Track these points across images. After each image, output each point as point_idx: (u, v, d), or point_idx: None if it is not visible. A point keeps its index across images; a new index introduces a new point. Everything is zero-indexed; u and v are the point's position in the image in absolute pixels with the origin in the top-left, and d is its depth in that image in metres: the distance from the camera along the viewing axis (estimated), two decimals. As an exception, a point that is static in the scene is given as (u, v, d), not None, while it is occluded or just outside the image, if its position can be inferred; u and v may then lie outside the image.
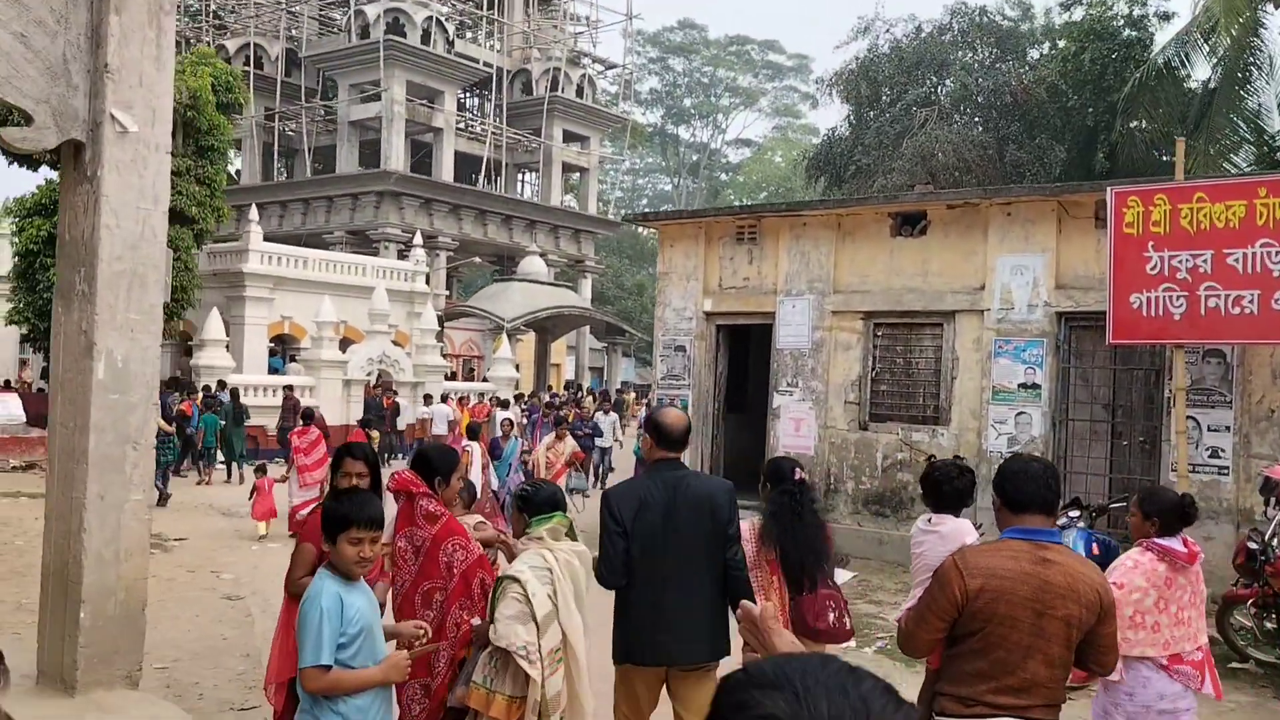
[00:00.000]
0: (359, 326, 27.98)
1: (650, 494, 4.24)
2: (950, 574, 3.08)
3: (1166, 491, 4.73)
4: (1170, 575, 4.32)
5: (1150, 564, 4.32)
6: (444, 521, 4.36)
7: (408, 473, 4.47)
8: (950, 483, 4.38)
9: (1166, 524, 4.39)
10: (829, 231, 12.06)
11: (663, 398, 12.93)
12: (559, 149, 39.83)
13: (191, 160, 24.14)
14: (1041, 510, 3.13)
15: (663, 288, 13.08)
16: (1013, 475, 3.19)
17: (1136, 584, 4.27)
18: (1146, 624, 4.26)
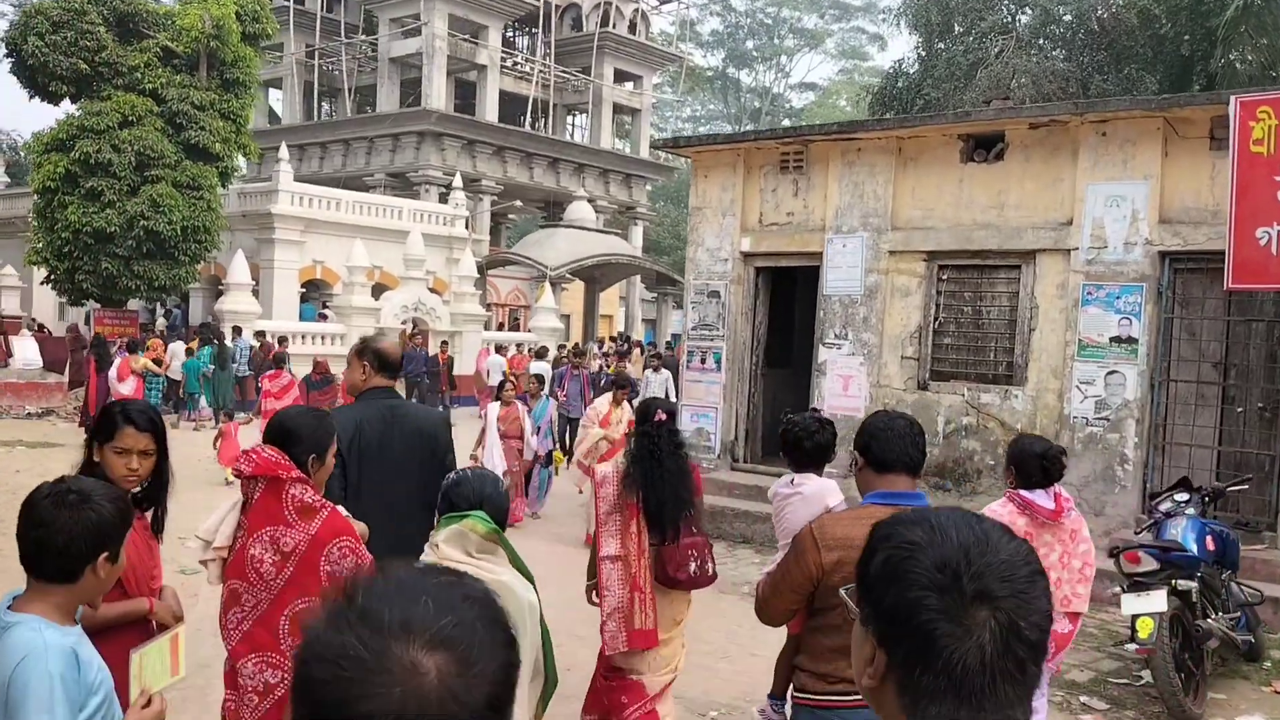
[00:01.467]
0: (394, 272, 26.79)
1: (367, 420, 4.05)
2: (806, 545, 2.92)
3: (1035, 440, 4.37)
4: (1031, 531, 4.04)
5: (1009, 517, 4.04)
6: (325, 517, 3.24)
7: (269, 451, 3.30)
8: (811, 438, 3.95)
9: (1024, 474, 4.12)
10: (887, 157, 10.33)
11: (693, 350, 11.39)
12: (610, 89, 38.02)
13: (215, 94, 22.97)
14: (906, 470, 2.94)
15: (695, 224, 11.48)
16: (878, 432, 2.97)
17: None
18: None
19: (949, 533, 1.15)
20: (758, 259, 11.19)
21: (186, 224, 21.65)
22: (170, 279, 22.22)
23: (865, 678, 1.21)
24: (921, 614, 1.11)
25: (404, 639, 0.94)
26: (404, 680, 0.92)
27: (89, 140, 21.13)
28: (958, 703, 1.11)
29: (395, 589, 0.99)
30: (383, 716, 0.91)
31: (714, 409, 11.06)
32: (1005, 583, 1.12)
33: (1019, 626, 1.11)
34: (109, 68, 21.90)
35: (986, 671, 1.10)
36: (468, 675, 0.94)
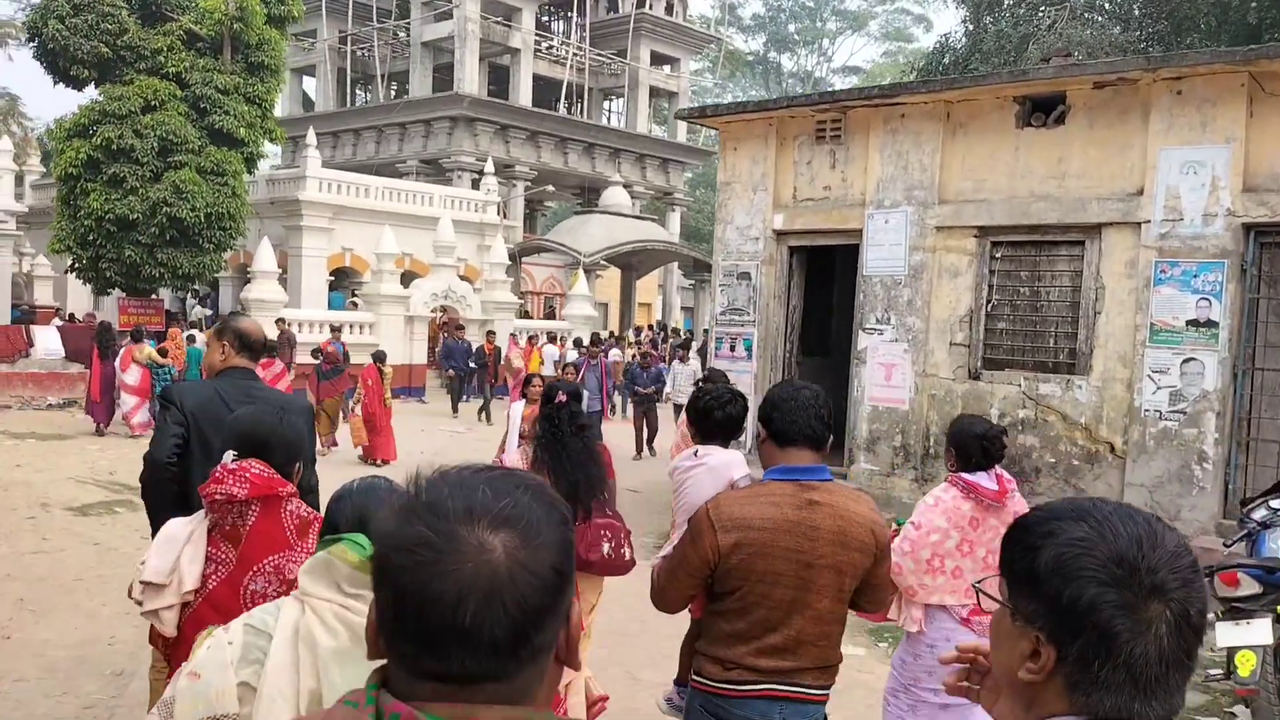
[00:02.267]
0: (425, 260, 26.19)
1: (221, 395, 3.88)
2: (702, 527, 2.77)
3: (976, 420, 4.17)
4: (976, 515, 3.94)
5: (953, 501, 3.95)
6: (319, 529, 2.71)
7: (257, 466, 2.89)
8: (723, 408, 3.80)
9: (965, 456, 3.98)
10: (934, 124, 9.39)
11: (721, 337, 10.54)
12: (646, 71, 37.12)
13: (240, 77, 22.43)
14: (810, 444, 2.80)
15: (724, 201, 10.61)
16: (781, 402, 2.82)
17: (935, 524, 3.92)
18: (946, 569, 3.93)
19: (1116, 527, 1.17)
20: (791, 237, 10.30)
21: (210, 210, 21.15)
22: (194, 267, 21.73)
23: (1024, 672, 1.19)
24: (1102, 610, 1.13)
25: (469, 522, 1.02)
26: (474, 557, 1.00)
27: (111, 125, 20.69)
28: (1133, 693, 1.13)
29: (454, 483, 1.07)
30: (459, 591, 0.99)
31: (744, 400, 10.23)
32: (1175, 574, 1.13)
33: (1189, 615, 1.14)
34: (131, 51, 21.44)
35: (1162, 662, 1.12)
36: (531, 547, 1.03)
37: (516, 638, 1.01)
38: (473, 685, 1.01)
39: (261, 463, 2.86)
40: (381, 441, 13.51)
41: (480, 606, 0.99)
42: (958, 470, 3.99)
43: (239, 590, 2.75)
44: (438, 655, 1.01)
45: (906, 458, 9.44)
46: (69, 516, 9.78)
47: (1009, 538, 1.25)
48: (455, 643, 1.00)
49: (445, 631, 0.99)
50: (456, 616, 0.99)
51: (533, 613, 1.01)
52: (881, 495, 9.46)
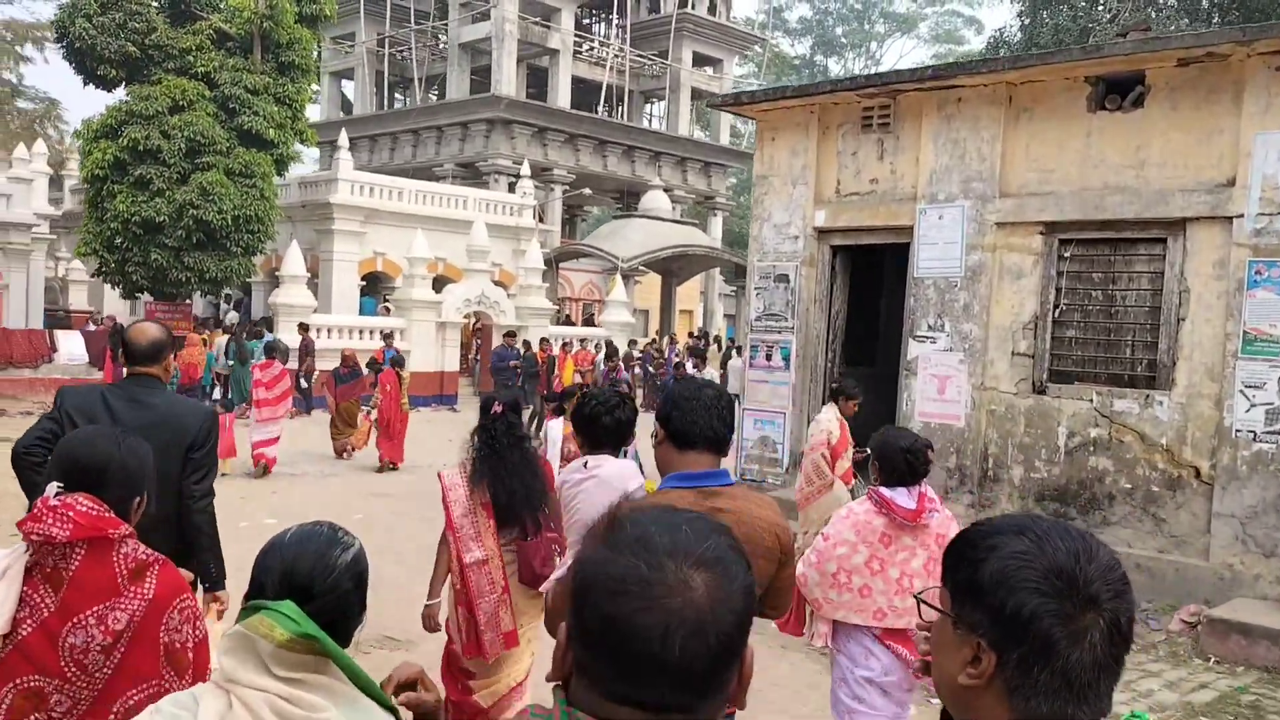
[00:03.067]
0: (458, 265, 25.55)
1: (109, 398, 3.78)
2: None
3: (901, 433, 3.96)
4: (889, 532, 3.77)
5: (865, 515, 3.82)
6: (159, 571, 2.52)
7: (84, 502, 2.44)
8: (610, 413, 3.54)
9: (888, 470, 3.81)
10: (994, 109, 8.43)
11: (756, 345, 9.63)
12: (688, 72, 36.28)
13: (270, 77, 21.94)
14: (711, 446, 2.65)
15: (760, 197, 9.71)
16: (682, 401, 2.66)
17: (843, 536, 3.81)
18: (853, 585, 3.77)
19: (1055, 542, 1.23)
20: (834, 236, 9.38)
21: (238, 213, 20.64)
22: (222, 271, 21.24)
23: (965, 678, 1.25)
24: (1043, 619, 1.19)
25: (676, 559, 1.09)
26: (680, 593, 1.07)
27: (138, 126, 20.27)
28: (1068, 698, 1.20)
29: (656, 521, 1.14)
30: (665, 624, 1.05)
31: (781, 414, 9.31)
32: (1108, 586, 1.22)
33: (1120, 624, 1.22)
34: (159, 50, 21.03)
35: (1095, 668, 1.20)
36: (730, 588, 1.10)
37: (713, 672, 1.08)
38: (665, 714, 1.08)
39: (91, 498, 2.42)
40: (392, 446, 13.30)
41: (687, 640, 1.06)
42: (880, 484, 3.85)
43: (56, 641, 2.36)
44: (638, 683, 1.07)
45: (962, 481, 8.47)
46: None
47: (952, 550, 1.31)
48: (659, 672, 1.06)
49: (650, 661, 1.06)
50: (664, 648, 1.05)
51: (728, 649, 1.09)
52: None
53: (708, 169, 36.94)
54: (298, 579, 1.80)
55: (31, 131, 29.01)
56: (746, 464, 9.55)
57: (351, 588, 1.85)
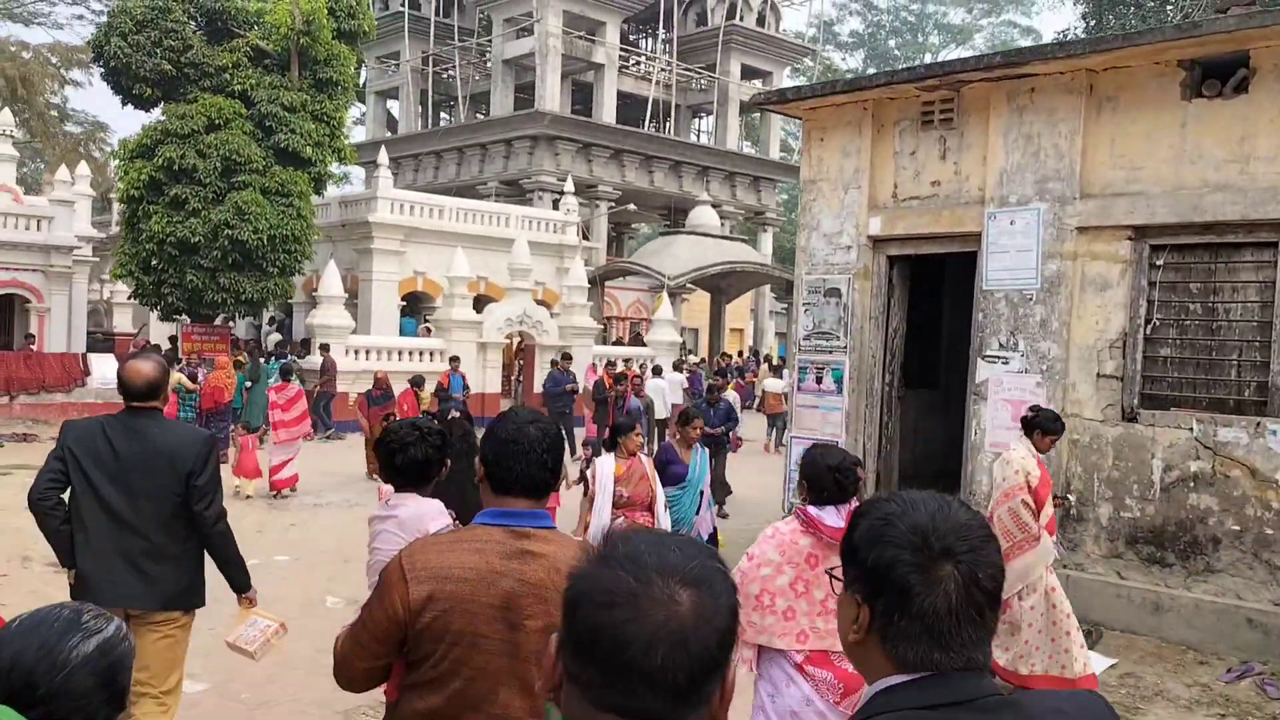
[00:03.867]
0: (500, 284, 24.93)
1: (108, 430, 3.98)
2: (391, 579, 2.30)
3: (829, 451, 3.85)
4: (815, 552, 3.65)
5: (790, 535, 3.70)
6: None
7: None
8: (405, 451, 3.41)
9: (815, 489, 3.71)
10: (1073, 99, 7.46)
11: (805, 367, 8.71)
12: (736, 85, 35.47)
13: (307, 95, 21.52)
14: (528, 495, 2.37)
15: (807, 203, 8.82)
16: (501, 445, 2.36)
17: (767, 556, 3.69)
18: (778, 608, 3.65)
19: (917, 504, 1.37)
20: (891, 245, 8.45)
21: (274, 233, 20.17)
22: (258, 292, 20.78)
23: (850, 635, 1.38)
24: (898, 568, 1.31)
25: (663, 576, 1.14)
26: (666, 607, 1.12)
27: (173, 145, 19.94)
28: (930, 644, 1.30)
29: (647, 541, 1.20)
30: (651, 636, 1.10)
31: (836, 440, 8.38)
32: (963, 541, 1.32)
33: (977, 577, 1.31)
34: (195, 69, 20.72)
35: (952, 615, 1.29)
36: (715, 604, 1.15)
37: (693, 684, 1.12)
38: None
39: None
40: None
41: (669, 651, 1.11)
42: (808, 503, 3.75)
43: None
44: (623, 691, 1.11)
45: (1040, 520, 7.45)
46: (48, 573, 8.46)
47: (852, 514, 1.45)
48: (642, 682, 1.11)
49: (634, 670, 1.11)
50: (648, 659, 1.10)
51: (710, 663, 1.14)
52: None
53: (757, 184, 36.03)
54: (17, 677, 1.56)
55: (76, 154, 29.03)
56: (794, 497, 8.62)
57: (94, 685, 1.59)
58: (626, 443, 6.40)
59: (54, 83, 30.95)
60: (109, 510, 4.00)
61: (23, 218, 23.73)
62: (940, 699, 1.29)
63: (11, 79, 27.26)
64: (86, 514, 4.01)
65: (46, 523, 4.03)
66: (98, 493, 3.98)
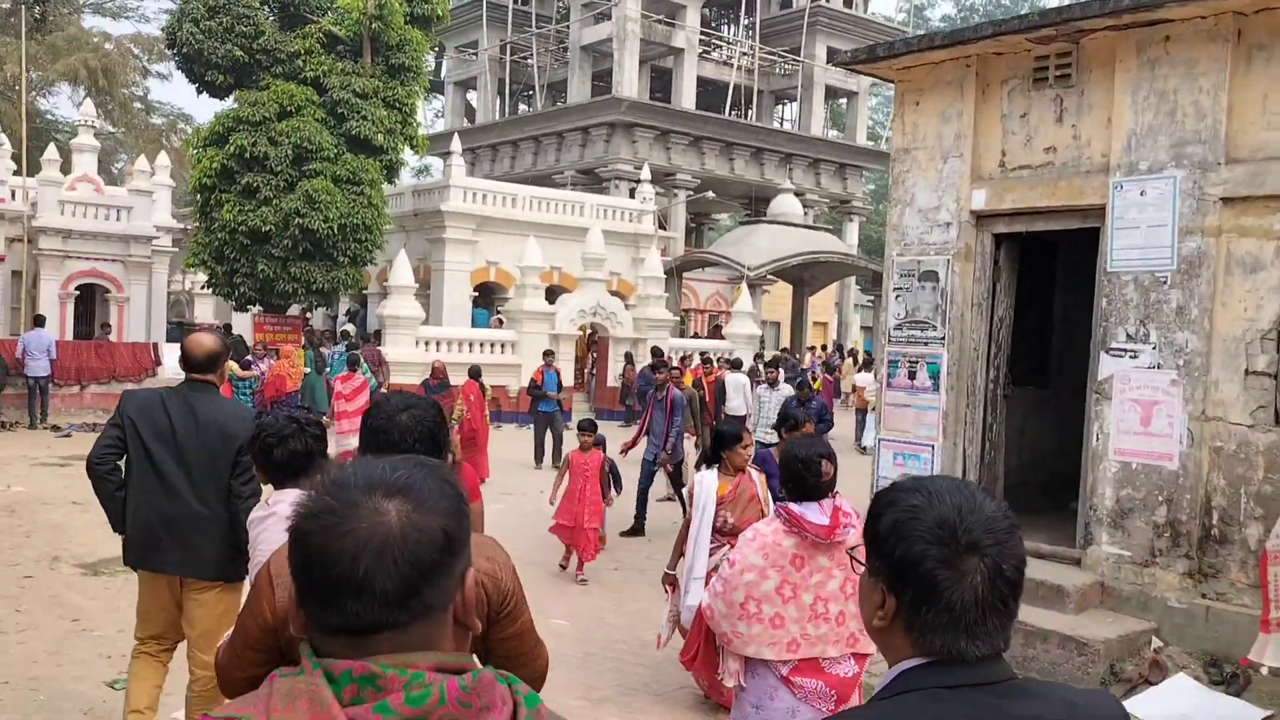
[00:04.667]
0: (574, 274, 24.26)
1: (166, 402, 4.15)
2: (260, 585, 2.27)
3: (802, 442, 3.67)
4: (801, 553, 3.46)
5: (773, 536, 3.50)
6: None
7: None
8: (283, 444, 3.26)
9: (790, 484, 3.53)
10: (1216, 48, 6.35)
11: (896, 360, 7.72)
12: (822, 69, 34.20)
13: (379, 81, 21.11)
14: None
15: (900, 176, 7.82)
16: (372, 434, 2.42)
17: (750, 561, 3.49)
18: (764, 615, 3.45)
19: (943, 497, 1.38)
20: (998, 221, 7.41)
21: (344, 221, 19.81)
22: (329, 281, 20.46)
23: (875, 620, 1.41)
24: (926, 563, 1.34)
25: (368, 491, 1.16)
26: (370, 519, 1.13)
27: (245, 133, 19.70)
28: (957, 634, 1.34)
29: (360, 466, 1.22)
30: (355, 548, 1.12)
31: (929, 447, 7.37)
32: (990, 534, 1.35)
33: (1002, 569, 1.35)
34: (267, 55, 20.45)
35: (979, 608, 1.33)
36: (422, 510, 1.16)
37: (406, 590, 1.12)
38: (371, 635, 1.12)
39: None
40: (480, 460, 12.92)
41: (372, 560, 1.11)
42: (788, 500, 3.53)
43: None
44: (337, 607, 1.12)
45: (1175, 541, 6.37)
46: (74, 576, 7.99)
47: (868, 510, 1.48)
48: (350, 594, 1.11)
49: (342, 585, 1.11)
50: (353, 570, 1.11)
51: (423, 568, 1.13)
52: (1135, 594, 6.44)
53: (843, 171, 34.73)
54: None
55: (159, 145, 29.24)
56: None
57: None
58: (732, 457, 5.44)
59: (135, 74, 31.24)
60: (163, 479, 4.14)
61: (102, 208, 23.86)
62: (960, 680, 1.33)
63: (93, 70, 27.57)
64: (141, 482, 4.16)
65: (102, 487, 4.22)
66: (154, 462, 4.13)
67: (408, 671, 1.08)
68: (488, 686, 1.11)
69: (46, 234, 22.96)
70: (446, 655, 1.13)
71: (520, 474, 14.15)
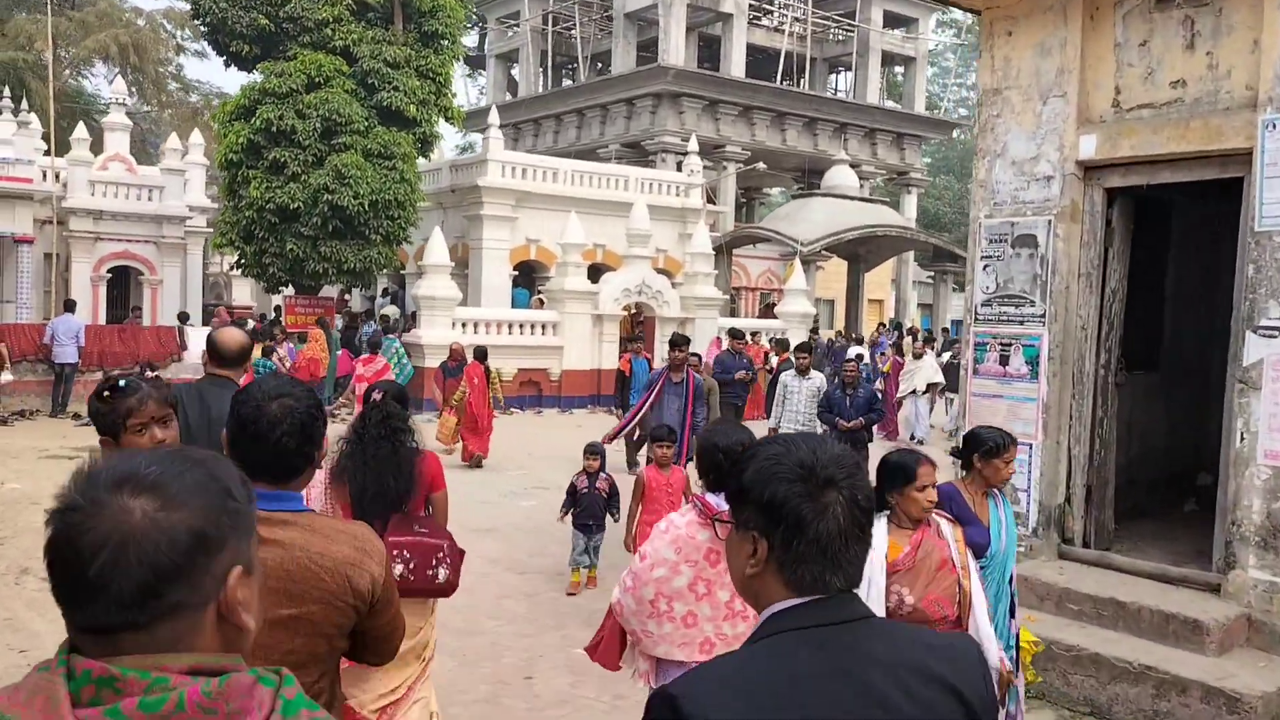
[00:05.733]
0: (618, 251, 23.14)
1: (184, 397, 3.99)
2: None
3: (722, 429, 3.53)
4: (717, 547, 3.12)
5: (686, 529, 3.23)
6: None
7: None
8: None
9: (708, 474, 3.32)
10: (1405, -54, 5.02)
11: (984, 342, 6.49)
12: (878, 34, 32.57)
13: (412, 49, 20.08)
14: (272, 477, 2.16)
15: (988, 122, 6.56)
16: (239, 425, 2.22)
17: (662, 555, 3.20)
18: (676, 614, 3.20)
19: (798, 443, 1.52)
20: (1111, 173, 6.14)
21: (376, 198, 18.84)
22: (360, 261, 19.52)
23: (748, 569, 1.49)
24: (792, 500, 1.45)
25: (115, 489, 1.12)
26: (114, 518, 1.10)
27: (271, 105, 18.79)
28: (825, 563, 1.44)
29: (116, 460, 1.17)
30: (94, 547, 1.08)
31: (1025, 446, 6.16)
32: (841, 469, 1.47)
33: (857, 499, 1.47)
34: (294, 23, 19.50)
35: (841, 536, 1.44)
36: (168, 509, 1.12)
37: (144, 591, 1.08)
38: (111, 635, 1.09)
39: None
40: (479, 439, 12.86)
41: (108, 561, 1.07)
42: (706, 490, 3.34)
43: None
44: (77, 606, 1.10)
45: (1346, 565, 5.11)
46: (39, 592, 7.05)
47: (728, 473, 1.58)
48: (85, 595, 1.09)
49: (79, 584, 1.09)
50: (89, 570, 1.07)
51: (162, 570, 1.09)
52: None
53: (900, 141, 33.11)
54: None
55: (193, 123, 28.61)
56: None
57: None
58: (905, 503, 3.48)
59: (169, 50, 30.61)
60: None
61: (134, 188, 23.22)
62: (821, 619, 1.42)
63: (124, 46, 26.92)
64: None
65: None
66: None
67: (150, 675, 1.07)
68: (241, 691, 1.09)
69: (77, 215, 22.38)
70: (206, 656, 1.12)
71: (562, 469, 12.95)
